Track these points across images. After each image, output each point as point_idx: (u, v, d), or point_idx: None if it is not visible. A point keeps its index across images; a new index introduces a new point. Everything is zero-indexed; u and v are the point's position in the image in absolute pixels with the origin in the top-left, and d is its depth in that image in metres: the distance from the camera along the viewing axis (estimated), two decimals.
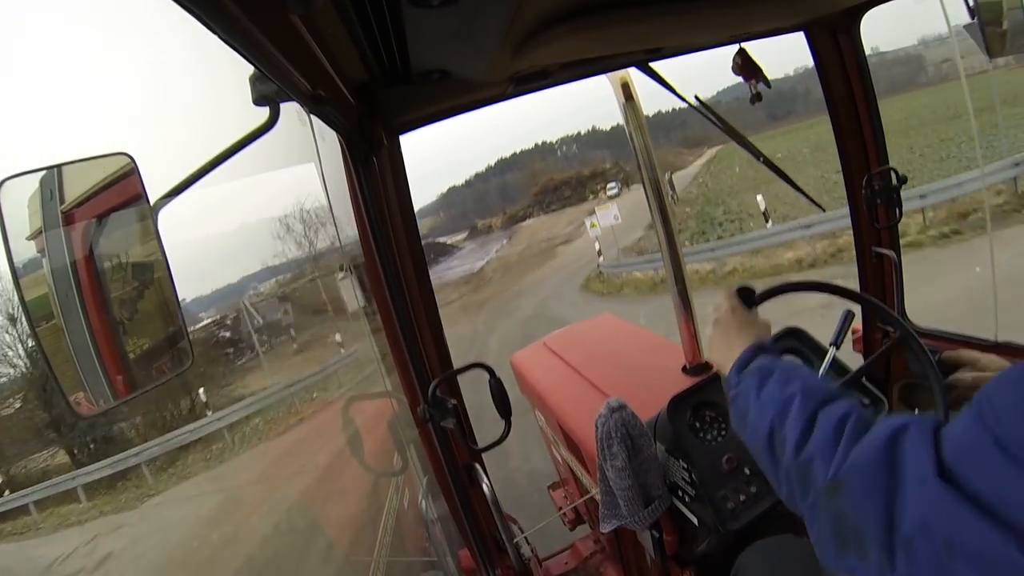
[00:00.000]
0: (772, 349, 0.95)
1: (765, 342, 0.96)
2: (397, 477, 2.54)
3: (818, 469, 0.69)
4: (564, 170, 68.04)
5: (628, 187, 50.06)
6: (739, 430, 0.89)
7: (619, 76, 1.67)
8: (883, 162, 1.60)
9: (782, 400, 0.79)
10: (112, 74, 70.41)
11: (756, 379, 0.86)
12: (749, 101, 1.53)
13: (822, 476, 0.68)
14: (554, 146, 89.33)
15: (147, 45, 54.96)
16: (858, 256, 1.73)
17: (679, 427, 1.40)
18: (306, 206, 21.68)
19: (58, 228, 0.71)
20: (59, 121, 55.71)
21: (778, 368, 0.87)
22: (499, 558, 1.55)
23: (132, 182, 0.74)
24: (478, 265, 33.62)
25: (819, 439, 0.71)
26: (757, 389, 0.85)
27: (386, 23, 0.75)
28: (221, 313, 23.01)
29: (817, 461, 0.70)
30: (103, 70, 71.39)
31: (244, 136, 0.85)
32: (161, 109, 53.59)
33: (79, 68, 70.90)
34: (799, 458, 0.72)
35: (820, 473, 0.69)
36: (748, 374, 0.89)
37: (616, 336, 2.50)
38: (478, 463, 1.47)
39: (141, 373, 0.78)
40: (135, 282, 0.77)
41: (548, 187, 65.00)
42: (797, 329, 1.53)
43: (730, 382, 0.93)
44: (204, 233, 27.30)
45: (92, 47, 66.87)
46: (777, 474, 0.78)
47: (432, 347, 1.50)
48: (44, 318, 0.71)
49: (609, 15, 0.98)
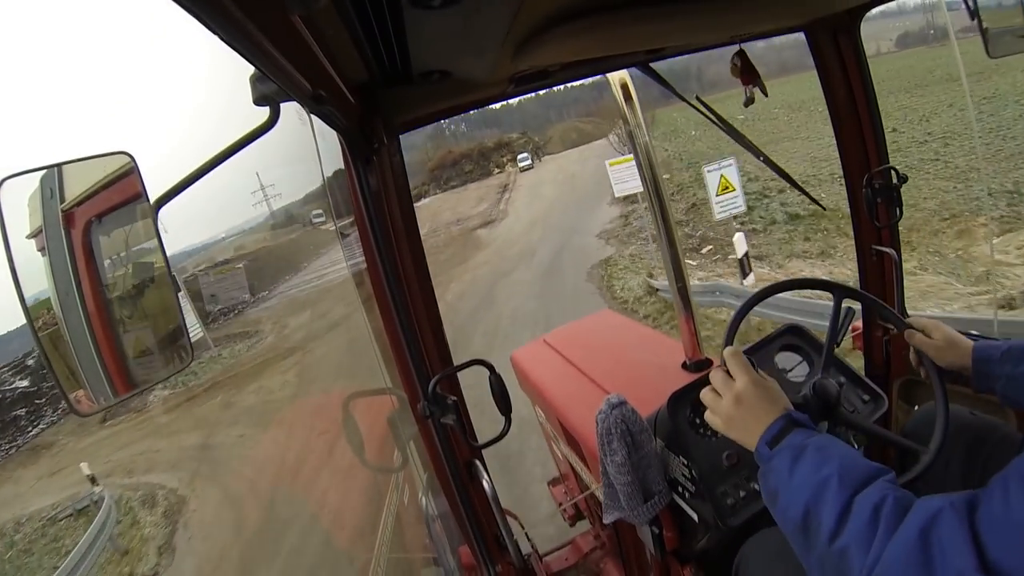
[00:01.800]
0: (803, 420, 0.91)
1: (793, 412, 0.93)
2: (397, 474, 2.55)
3: (854, 559, 0.67)
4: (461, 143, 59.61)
5: (540, 158, 47.10)
6: (770, 507, 0.87)
7: (618, 77, 1.67)
8: (883, 161, 1.60)
9: (817, 482, 0.77)
10: (113, 74, 70.52)
11: (789, 458, 0.84)
12: (743, 104, 1.53)
13: (858, 568, 0.66)
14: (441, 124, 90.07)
15: (148, 46, 55.08)
16: (858, 254, 1.74)
17: (679, 423, 1.40)
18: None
19: (58, 227, 0.71)
20: (59, 120, 55.88)
21: (811, 445, 0.84)
22: (499, 554, 1.56)
23: (132, 181, 0.74)
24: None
25: (855, 527, 0.69)
26: (790, 468, 0.82)
27: (387, 24, 0.75)
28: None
29: (853, 551, 0.68)
30: (104, 70, 71.50)
31: (244, 135, 0.85)
32: (162, 109, 53.71)
33: (79, 68, 71.00)
34: (834, 546, 0.71)
35: (856, 563, 0.67)
36: (780, 451, 0.86)
37: (616, 332, 2.50)
38: (478, 459, 1.48)
39: (141, 371, 0.78)
40: (135, 280, 0.77)
41: (445, 162, 55.80)
42: (798, 327, 1.53)
43: (760, 455, 0.90)
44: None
45: (92, 47, 66.98)
46: (810, 557, 0.76)
47: (432, 344, 1.51)
48: (44, 317, 0.71)
49: (610, 16, 0.98)
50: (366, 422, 1.94)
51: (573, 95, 66.03)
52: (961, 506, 0.59)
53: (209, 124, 55.45)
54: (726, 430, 1.00)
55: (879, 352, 1.78)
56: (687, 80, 35.34)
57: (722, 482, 1.33)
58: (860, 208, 1.65)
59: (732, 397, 0.98)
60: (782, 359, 1.48)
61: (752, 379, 0.98)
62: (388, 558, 2.46)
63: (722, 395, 1.01)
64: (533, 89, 1.45)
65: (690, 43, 1.45)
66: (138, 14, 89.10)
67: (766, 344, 1.50)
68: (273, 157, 2.25)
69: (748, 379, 0.98)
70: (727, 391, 1.00)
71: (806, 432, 0.88)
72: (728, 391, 0.99)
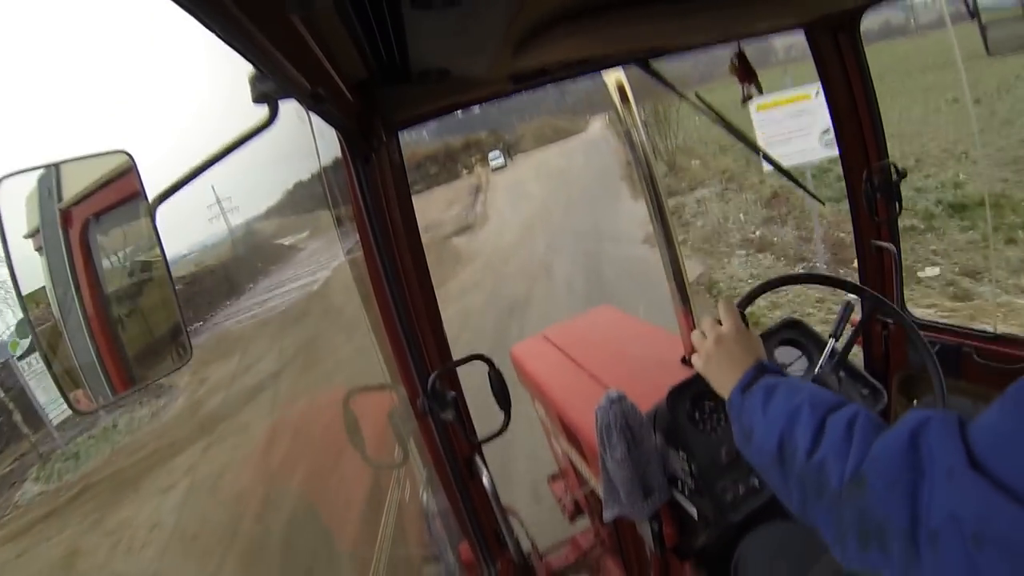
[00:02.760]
0: (774, 368, 0.94)
1: (765, 361, 0.96)
2: (398, 470, 2.56)
3: (832, 469, 0.69)
4: (425, 144, 52.67)
5: (511, 157, 44.20)
6: (743, 448, 0.89)
7: (614, 76, 1.67)
8: (883, 157, 1.61)
9: (789, 411, 0.80)
10: (112, 73, 70.35)
11: (761, 396, 0.86)
12: (741, 102, 1.53)
13: (837, 475, 0.68)
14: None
15: (147, 44, 54.92)
16: (858, 249, 1.75)
17: (678, 417, 1.40)
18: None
19: (56, 226, 0.71)
20: (57, 119, 55.75)
21: (782, 383, 0.87)
22: (499, 551, 1.56)
23: (130, 180, 0.74)
24: (318, 277, 16.63)
25: (831, 441, 0.72)
26: (763, 405, 0.85)
27: (386, 22, 0.75)
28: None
29: (830, 461, 0.70)
30: (103, 68, 71.34)
31: (243, 133, 0.85)
32: (160, 107, 53.54)
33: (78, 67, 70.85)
34: (811, 461, 0.73)
35: (834, 472, 0.69)
36: (752, 393, 0.89)
37: (615, 327, 2.51)
38: (478, 455, 1.48)
39: (140, 369, 0.78)
40: (133, 279, 0.77)
41: (409, 164, 53.37)
42: (796, 320, 1.54)
43: (732, 402, 0.93)
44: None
45: (91, 46, 66.83)
46: (788, 483, 0.78)
47: (431, 340, 1.51)
48: (42, 316, 0.71)
49: (610, 15, 0.98)
50: (366, 419, 1.94)
51: (538, 95, 64.53)
52: (952, 417, 0.61)
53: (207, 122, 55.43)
54: (704, 370, 1.04)
55: (878, 346, 1.79)
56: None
57: (722, 477, 1.34)
58: (859, 203, 1.66)
59: (714, 337, 1.02)
60: (781, 353, 1.49)
61: (736, 326, 1.02)
62: (389, 554, 2.47)
63: (707, 336, 1.05)
64: (532, 87, 1.44)
65: (689, 42, 1.45)
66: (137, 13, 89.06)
67: (765, 338, 1.50)
68: (272, 155, 2.20)
69: (732, 325, 1.02)
70: (711, 332, 1.04)
71: (777, 375, 0.91)
72: (712, 332, 1.03)
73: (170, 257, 0.77)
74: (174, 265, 0.97)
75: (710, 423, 1.43)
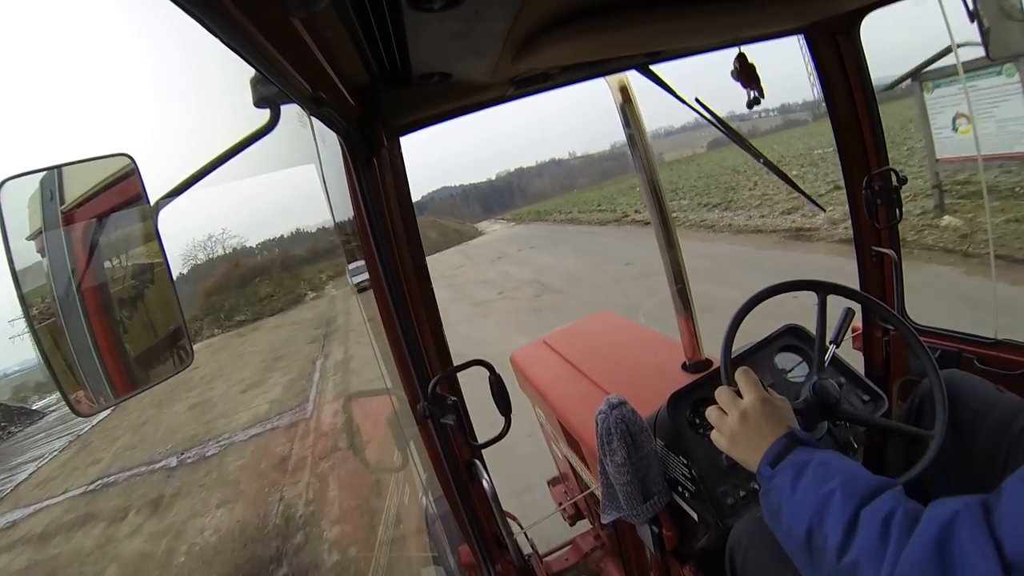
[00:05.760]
0: (805, 437, 0.89)
1: (797, 430, 0.90)
2: (398, 474, 2.56)
3: (865, 574, 0.65)
4: (251, 256, 40.40)
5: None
6: (771, 524, 0.84)
7: (617, 79, 1.67)
8: (883, 163, 1.61)
9: (821, 497, 0.75)
10: (115, 77, 70.51)
11: (791, 475, 0.81)
12: (746, 105, 1.53)
13: None
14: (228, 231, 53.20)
15: (149, 48, 55.07)
16: (858, 255, 1.75)
17: (679, 423, 1.40)
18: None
19: (58, 228, 0.71)
20: (61, 122, 55.90)
21: (814, 460, 0.81)
22: (499, 554, 1.56)
23: (133, 183, 0.74)
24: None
25: (864, 542, 0.67)
26: (792, 485, 0.80)
27: (387, 26, 0.76)
28: None
29: (863, 567, 0.66)
30: (106, 73, 71.51)
31: (245, 137, 0.86)
32: (162, 111, 53.59)
33: (80, 70, 71.03)
34: (842, 562, 0.68)
35: None
36: (782, 469, 0.84)
37: (616, 333, 2.50)
38: (478, 459, 1.48)
39: (141, 372, 0.78)
40: (135, 281, 0.77)
41: (228, 283, 35.82)
42: (797, 327, 1.53)
43: (762, 475, 0.87)
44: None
45: (94, 49, 67.04)
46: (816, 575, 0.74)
47: (432, 345, 1.51)
48: (44, 318, 0.71)
49: (610, 18, 0.98)
50: (367, 424, 1.94)
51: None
52: (976, 507, 0.58)
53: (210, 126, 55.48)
54: (730, 449, 0.97)
55: (879, 352, 1.79)
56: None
57: (722, 482, 1.34)
58: (860, 209, 1.66)
59: (738, 415, 0.96)
60: (781, 360, 1.48)
61: (760, 397, 0.96)
62: (389, 557, 2.47)
63: (728, 413, 0.98)
64: (534, 92, 1.45)
65: (690, 46, 1.46)
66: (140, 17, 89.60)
67: (765, 345, 1.50)
68: (273, 159, 2.19)
69: (756, 397, 0.96)
70: (733, 409, 0.97)
71: (809, 449, 0.86)
72: (734, 409, 0.97)
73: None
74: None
75: (710, 429, 1.42)
